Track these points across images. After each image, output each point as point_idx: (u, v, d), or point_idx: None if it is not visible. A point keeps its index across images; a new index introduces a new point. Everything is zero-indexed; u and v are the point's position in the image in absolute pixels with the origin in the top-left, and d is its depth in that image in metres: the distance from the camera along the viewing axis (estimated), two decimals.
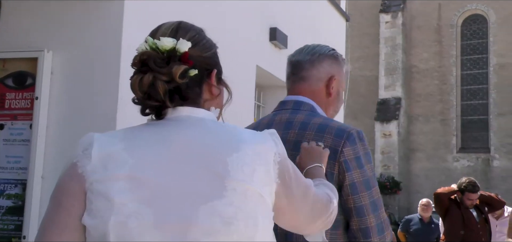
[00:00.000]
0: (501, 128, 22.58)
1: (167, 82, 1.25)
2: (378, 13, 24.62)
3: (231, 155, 1.24)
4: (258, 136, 1.33)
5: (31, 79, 3.89)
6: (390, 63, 24.08)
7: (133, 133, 1.32)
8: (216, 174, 1.22)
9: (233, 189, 1.22)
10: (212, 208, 1.19)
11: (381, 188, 22.38)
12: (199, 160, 1.24)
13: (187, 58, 1.29)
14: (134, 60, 1.30)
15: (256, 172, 1.25)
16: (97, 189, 1.21)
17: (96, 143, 1.27)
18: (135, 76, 1.28)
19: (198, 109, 1.35)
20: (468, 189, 5.80)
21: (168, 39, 1.29)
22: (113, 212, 1.18)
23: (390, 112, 23.51)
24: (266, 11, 6.32)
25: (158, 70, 1.25)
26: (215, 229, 1.19)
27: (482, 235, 5.79)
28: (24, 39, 3.95)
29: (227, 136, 1.31)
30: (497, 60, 22.99)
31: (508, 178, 20.92)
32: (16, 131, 3.87)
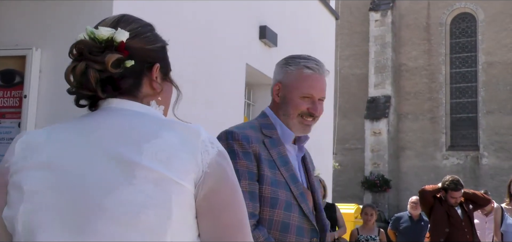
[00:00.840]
0: (490, 126, 22.70)
1: (100, 71, 1.22)
2: (368, 11, 24.66)
3: (149, 141, 1.19)
4: (188, 125, 1.26)
5: (19, 77, 3.87)
6: (379, 62, 24.12)
7: (60, 125, 1.31)
8: (128, 162, 1.17)
9: (143, 177, 1.15)
10: (119, 196, 1.14)
11: (371, 186, 22.51)
12: (114, 149, 1.19)
13: (123, 48, 1.25)
14: (71, 49, 1.26)
15: (173, 158, 1.18)
16: (13, 180, 1.20)
17: (23, 137, 1.27)
18: (70, 65, 1.24)
19: (132, 102, 1.30)
20: (450, 188, 5.84)
21: (105, 29, 1.26)
22: (23, 201, 1.17)
23: (379, 110, 23.56)
24: (256, 10, 6.32)
25: (92, 59, 1.22)
26: (122, 217, 1.13)
27: (467, 233, 5.82)
28: (12, 37, 3.93)
29: (151, 125, 1.25)
30: (485, 58, 23.09)
31: (496, 176, 21.04)
32: (4, 130, 3.85)
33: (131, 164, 1.16)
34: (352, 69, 24.88)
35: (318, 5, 8.37)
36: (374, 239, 7.38)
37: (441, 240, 5.86)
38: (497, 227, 6.24)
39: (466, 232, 5.82)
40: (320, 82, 2.24)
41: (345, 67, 24.31)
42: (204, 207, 1.21)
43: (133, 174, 1.15)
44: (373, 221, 7.63)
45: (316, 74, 2.23)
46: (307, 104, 2.21)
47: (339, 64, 20.45)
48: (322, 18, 8.57)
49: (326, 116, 8.85)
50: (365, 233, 7.41)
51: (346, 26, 23.83)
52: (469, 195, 6.12)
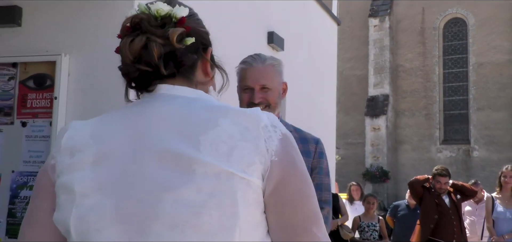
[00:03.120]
0: (480, 122, 22.59)
1: (163, 45, 1.03)
2: (367, 17, 24.59)
3: (206, 132, 0.99)
4: (246, 110, 1.05)
5: (50, 80, 3.89)
6: (378, 63, 24.07)
7: (107, 117, 1.12)
8: (185, 156, 0.97)
9: (203, 173, 0.96)
10: (178, 196, 0.95)
11: (371, 178, 22.45)
12: (169, 142, 1.00)
13: (184, 23, 1.07)
14: (124, 25, 1.07)
15: (236, 149, 0.98)
16: (62, 181, 1.04)
17: (68, 131, 1.09)
18: (124, 38, 1.05)
19: (184, 87, 1.11)
20: (438, 173, 5.96)
21: (163, 4, 1.08)
22: (74, 205, 1.00)
23: (378, 108, 23.51)
24: (264, 17, 6.32)
25: (153, 32, 1.03)
26: (181, 220, 0.95)
27: (454, 220, 5.83)
28: (43, 44, 3.95)
29: (207, 113, 1.04)
30: (476, 60, 22.98)
31: (486, 167, 20.92)
32: (37, 128, 3.88)
33: (188, 159, 0.97)
34: (353, 70, 24.82)
35: (321, 12, 8.35)
36: (375, 225, 7.37)
37: (431, 225, 5.86)
38: (488, 215, 6.22)
39: (453, 219, 5.83)
40: (254, 72, 2.22)
41: (347, 68, 24.27)
42: (274, 201, 1.01)
43: (191, 170, 0.96)
44: (373, 209, 7.63)
45: (249, 67, 2.24)
46: (248, 95, 2.22)
47: (341, 65, 20.40)
48: (325, 24, 8.55)
49: (329, 113, 8.85)
50: (366, 220, 7.41)
51: (347, 31, 23.78)
52: (457, 186, 6.12)
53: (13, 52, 3.99)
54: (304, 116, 7.36)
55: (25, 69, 3.97)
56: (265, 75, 2.22)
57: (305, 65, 7.67)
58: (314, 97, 8.07)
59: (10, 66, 3.99)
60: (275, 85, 2.25)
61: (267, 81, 2.22)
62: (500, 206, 6.12)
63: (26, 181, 3.84)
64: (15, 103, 3.94)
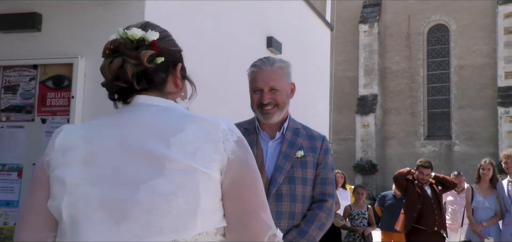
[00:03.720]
0: (461, 119, 22.61)
1: (136, 65, 1.15)
2: (358, 23, 24.60)
3: (175, 135, 1.11)
4: (210, 117, 1.18)
5: (67, 81, 3.89)
6: (368, 66, 24.08)
7: (94, 122, 1.23)
8: (158, 154, 1.09)
9: (173, 168, 1.08)
10: (152, 187, 1.07)
11: (361, 170, 22.49)
12: (144, 142, 1.11)
13: (155, 45, 1.19)
14: (105, 48, 1.19)
15: (200, 150, 1.10)
16: (55, 175, 1.15)
17: (61, 133, 1.21)
18: (105, 60, 1.17)
19: (158, 97, 1.22)
20: (421, 165, 6.00)
21: (137, 29, 1.20)
22: (66, 193, 1.11)
23: (368, 107, 23.52)
24: (264, 23, 6.31)
25: (128, 54, 1.15)
26: (155, 206, 1.06)
27: (435, 209, 5.85)
28: (61, 47, 3.95)
29: (176, 119, 1.16)
30: (457, 62, 22.99)
31: (466, 160, 20.93)
32: (56, 125, 3.87)
33: (160, 157, 1.09)
34: (345, 72, 24.82)
35: (315, 19, 8.34)
36: (364, 214, 7.37)
37: (414, 214, 5.87)
38: (468, 204, 6.22)
39: (434, 208, 5.85)
40: (263, 75, 2.19)
41: (339, 70, 24.26)
42: (230, 191, 1.14)
43: (163, 166, 1.08)
44: (363, 199, 7.62)
45: (259, 70, 2.20)
46: (258, 96, 2.20)
47: (334, 68, 20.40)
48: (319, 29, 8.54)
49: (322, 111, 8.84)
50: (356, 209, 7.40)
51: (339, 36, 23.77)
52: (439, 178, 6.13)
53: (33, 55, 3.99)
54: (300, 114, 7.35)
55: (45, 71, 3.97)
56: (273, 77, 2.19)
57: (301, 67, 7.67)
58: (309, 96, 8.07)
59: (31, 68, 3.99)
60: (283, 86, 2.23)
61: (275, 83, 2.20)
62: (479, 196, 6.12)
63: None
64: (35, 102, 3.94)
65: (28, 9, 3.99)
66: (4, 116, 3.99)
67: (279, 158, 2.20)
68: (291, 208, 2.16)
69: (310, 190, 2.23)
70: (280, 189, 2.15)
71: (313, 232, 2.14)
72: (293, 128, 2.30)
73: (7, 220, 3.84)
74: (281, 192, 2.15)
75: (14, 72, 4.02)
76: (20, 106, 3.96)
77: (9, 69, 4.03)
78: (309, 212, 2.20)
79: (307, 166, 2.23)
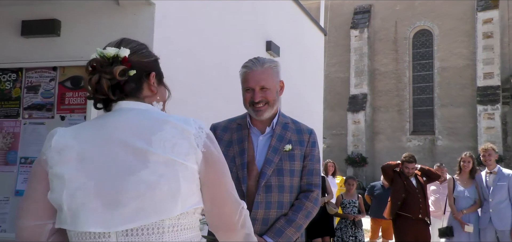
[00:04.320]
0: (443, 116, 22.61)
1: (110, 79, 1.24)
2: (349, 29, 24.57)
3: (155, 133, 1.20)
4: (182, 118, 1.27)
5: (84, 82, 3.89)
6: (358, 67, 24.06)
7: (83, 125, 1.32)
8: (142, 150, 1.18)
9: (156, 161, 1.17)
10: (138, 177, 1.16)
11: (352, 163, 22.49)
12: (129, 140, 1.20)
13: (127, 61, 1.27)
14: (86, 66, 1.29)
15: (177, 145, 1.20)
16: (54, 171, 1.21)
17: (55, 135, 1.27)
18: (87, 77, 1.27)
19: (136, 102, 1.30)
20: (406, 160, 5.98)
21: (111, 48, 1.29)
22: (65, 187, 1.18)
23: (358, 105, 23.51)
24: (263, 28, 6.30)
25: (103, 70, 1.24)
26: (141, 193, 1.15)
27: (419, 198, 5.85)
28: (78, 51, 3.95)
29: (155, 120, 1.25)
30: (440, 64, 22.97)
31: (448, 154, 20.91)
32: (74, 121, 3.88)
33: (144, 152, 1.18)
34: (337, 73, 24.81)
35: (310, 24, 8.33)
36: (355, 202, 7.37)
37: (398, 202, 5.88)
38: (450, 193, 6.22)
39: (419, 197, 5.85)
40: (254, 75, 2.16)
41: (332, 72, 24.26)
42: (205, 179, 1.25)
43: (147, 159, 1.17)
44: (354, 189, 7.62)
45: (250, 70, 2.17)
46: (250, 94, 2.17)
47: (327, 69, 20.38)
48: (314, 34, 8.54)
49: (317, 109, 8.85)
50: (347, 198, 7.41)
51: (332, 40, 23.76)
52: (424, 170, 6.13)
53: (53, 58, 3.99)
54: (296, 112, 7.35)
55: (63, 72, 3.97)
56: (264, 77, 2.16)
57: (297, 68, 7.67)
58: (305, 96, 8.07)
59: (51, 70, 3.99)
60: (273, 84, 2.20)
61: (266, 82, 2.16)
62: (460, 186, 6.11)
63: None
64: (55, 101, 3.94)
65: (48, 16, 3.99)
66: (27, 114, 3.99)
67: (269, 151, 2.17)
68: (280, 198, 2.13)
69: (298, 181, 2.20)
70: (269, 181, 2.13)
71: (300, 220, 2.12)
72: (282, 123, 2.26)
73: None
74: (270, 183, 2.13)
75: (35, 73, 4.02)
76: (41, 104, 3.97)
77: (31, 71, 4.03)
78: (296, 201, 2.17)
79: (295, 159, 2.20)
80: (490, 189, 5.75)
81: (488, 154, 5.82)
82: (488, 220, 5.73)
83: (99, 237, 1.16)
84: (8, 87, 4.07)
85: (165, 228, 1.18)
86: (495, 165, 5.83)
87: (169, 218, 1.18)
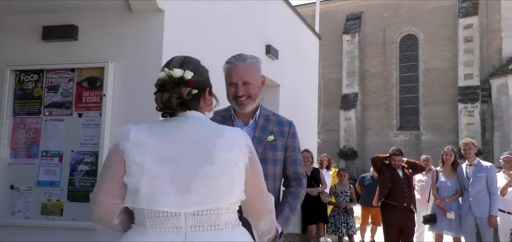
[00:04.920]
0: (427, 114, 22.61)
1: (178, 98, 1.37)
2: (342, 34, 24.56)
3: (218, 138, 1.36)
4: (234, 129, 1.44)
5: (99, 82, 3.88)
6: (350, 69, 24.04)
7: (155, 125, 1.42)
8: (209, 149, 1.34)
9: (219, 159, 1.33)
10: (205, 171, 1.31)
11: (344, 156, 22.49)
12: (198, 141, 1.36)
13: (191, 82, 1.40)
14: (157, 83, 1.40)
15: (233, 148, 1.37)
16: (133, 160, 1.33)
17: (131, 131, 1.38)
18: (158, 93, 1.39)
19: (197, 112, 1.45)
20: (393, 153, 5.96)
21: (178, 70, 1.39)
22: (144, 174, 1.30)
23: (350, 103, 23.51)
24: (263, 33, 6.29)
25: (173, 91, 1.37)
26: (208, 183, 1.31)
27: (405, 188, 5.84)
28: (95, 54, 3.94)
29: (215, 127, 1.42)
30: (424, 66, 22.95)
31: (432, 148, 20.91)
32: (90, 118, 3.88)
33: (211, 151, 1.34)
34: (330, 74, 24.79)
35: (306, 30, 8.31)
36: (346, 192, 7.37)
37: (385, 191, 5.89)
38: (433, 184, 6.23)
39: (404, 187, 5.85)
40: (237, 70, 2.10)
41: (326, 73, 24.24)
42: (248, 178, 1.42)
43: (212, 157, 1.34)
44: (345, 180, 7.62)
45: (233, 66, 2.11)
46: (233, 89, 2.12)
47: (322, 71, 20.36)
48: (309, 39, 8.52)
49: (312, 107, 8.83)
50: (340, 188, 7.41)
51: (326, 44, 23.73)
52: (410, 162, 6.12)
53: (71, 60, 3.99)
54: (293, 109, 7.35)
55: (81, 73, 3.96)
56: (246, 72, 2.10)
57: (294, 70, 7.65)
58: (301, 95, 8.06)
59: (69, 71, 3.99)
60: (255, 79, 2.14)
61: (248, 77, 2.11)
62: (443, 177, 6.11)
63: (82, 158, 3.85)
64: (73, 99, 3.94)
65: (67, 22, 3.99)
66: (47, 111, 3.99)
67: (253, 142, 2.12)
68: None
69: (280, 169, 2.18)
70: None
71: (298, 206, 2.16)
72: (264, 115, 2.22)
73: (50, 197, 3.85)
74: None
75: (55, 74, 4.02)
76: (61, 102, 3.96)
77: (51, 72, 4.03)
78: (293, 189, 2.17)
79: (277, 149, 2.17)
80: (470, 180, 5.75)
81: (468, 148, 5.81)
82: (468, 208, 5.74)
83: (170, 216, 1.31)
84: (31, 87, 4.07)
85: (221, 211, 1.35)
86: (474, 158, 5.83)
87: (225, 204, 1.35)
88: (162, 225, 1.31)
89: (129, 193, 1.34)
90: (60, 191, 3.83)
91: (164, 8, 3.81)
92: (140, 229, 1.34)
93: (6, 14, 4.20)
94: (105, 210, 1.35)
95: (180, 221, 1.31)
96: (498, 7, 21.38)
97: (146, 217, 1.32)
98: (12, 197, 3.92)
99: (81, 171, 3.81)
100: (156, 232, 1.31)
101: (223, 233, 1.35)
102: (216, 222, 1.35)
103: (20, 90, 4.06)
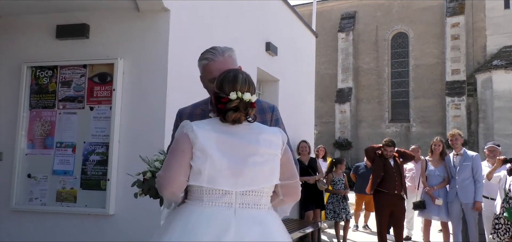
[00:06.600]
0: (417, 107, 22.58)
1: (245, 115, 1.59)
2: (337, 32, 24.46)
3: (261, 134, 1.59)
4: (273, 128, 1.69)
5: (110, 77, 3.87)
6: (344, 65, 23.97)
7: (216, 123, 1.59)
8: (254, 145, 1.55)
9: (263, 151, 1.55)
10: (254, 160, 1.53)
11: (339, 146, 22.48)
12: (246, 138, 1.56)
13: (254, 104, 1.61)
14: (231, 106, 1.56)
15: (273, 143, 1.59)
16: (199, 147, 1.51)
17: (194, 125, 1.55)
18: (230, 112, 1.56)
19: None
20: (385, 144, 5.91)
21: (248, 95, 1.59)
22: (208, 159, 1.50)
23: (344, 97, 23.46)
24: (263, 31, 6.25)
25: (243, 112, 1.58)
26: (256, 169, 1.53)
27: (396, 176, 5.81)
28: (105, 51, 3.92)
29: (258, 126, 1.63)
30: (414, 62, 22.88)
31: (421, 139, 20.88)
32: (101, 111, 3.86)
33: (256, 146, 1.55)
34: (326, 70, 24.72)
35: (304, 28, 8.27)
36: (342, 180, 7.37)
37: (377, 180, 5.87)
38: (423, 172, 6.21)
39: (395, 176, 5.82)
40: (217, 65, 1.90)
41: (322, 69, 24.19)
42: (283, 164, 1.62)
43: (258, 149, 1.54)
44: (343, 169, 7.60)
45: (212, 61, 1.91)
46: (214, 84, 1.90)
47: (318, 67, 20.28)
48: (306, 36, 8.47)
49: (309, 100, 8.81)
50: (336, 176, 7.40)
51: (322, 41, 23.64)
52: (400, 152, 6.09)
53: (83, 57, 3.97)
54: (292, 103, 7.33)
55: (92, 69, 3.95)
56: (226, 65, 1.90)
57: (293, 66, 7.63)
58: (299, 89, 8.04)
59: (81, 67, 3.97)
60: None
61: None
62: (431, 166, 6.10)
63: (94, 149, 3.84)
64: (85, 94, 3.93)
65: (79, 21, 3.96)
66: (61, 105, 3.98)
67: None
68: None
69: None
70: None
71: None
72: None
73: (65, 185, 3.85)
74: None
75: (68, 70, 4.00)
76: (73, 97, 3.95)
77: (65, 68, 4.01)
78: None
79: None
80: (457, 169, 5.74)
81: (455, 139, 5.80)
82: (455, 194, 5.73)
83: (224, 193, 1.51)
84: (45, 82, 4.05)
85: (263, 193, 1.57)
86: (461, 148, 5.81)
87: (267, 187, 1.58)
88: (217, 200, 1.51)
89: (193, 173, 1.52)
90: (74, 179, 3.82)
91: (170, 7, 3.78)
92: (197, 203, 1.52)
93: (22, 14, 4.17)
94: (177, 186, 1.53)
95: (232, 198, 1.52)
96: (483, 7, 21.28)
97: (204, 193, 1.52)
98: (30, 185, 3.93)
99: (93, 161, 3.80)
100: (212, 206, 1.51)
101: (262, 212, 1.57)
102: (258, 202, 1.56)
103: (36, 85, 4.05)
